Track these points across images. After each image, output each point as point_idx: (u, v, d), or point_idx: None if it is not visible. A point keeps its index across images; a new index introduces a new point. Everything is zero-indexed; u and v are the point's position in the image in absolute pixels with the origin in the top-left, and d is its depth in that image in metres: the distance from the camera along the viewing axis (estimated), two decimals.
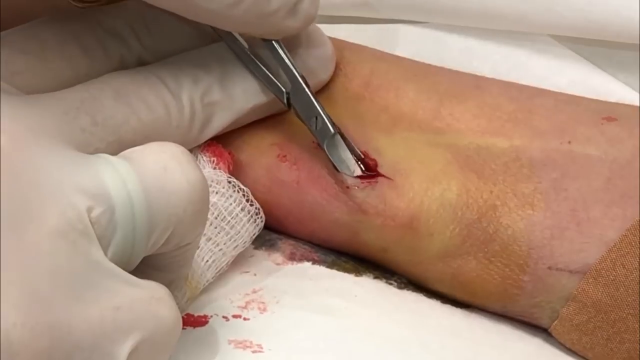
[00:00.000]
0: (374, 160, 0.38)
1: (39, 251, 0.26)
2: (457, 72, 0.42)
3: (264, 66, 0.38)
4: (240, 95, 0.38)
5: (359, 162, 0.37)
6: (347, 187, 0.38)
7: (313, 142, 0.38)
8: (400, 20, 0.47)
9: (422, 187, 0.37)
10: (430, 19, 0.46)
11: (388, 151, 0.38)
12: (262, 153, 0.39)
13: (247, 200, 0.37)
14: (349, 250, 0.39)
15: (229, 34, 0.38)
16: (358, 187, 0.37)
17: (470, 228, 0.36)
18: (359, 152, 0.38)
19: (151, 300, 0.28)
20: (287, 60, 0.37)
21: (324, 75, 0.41)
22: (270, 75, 0.38)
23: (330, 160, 0.37)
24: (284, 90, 0.38)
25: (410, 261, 0.38)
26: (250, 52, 0.38)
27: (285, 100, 0.38)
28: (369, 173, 0.37)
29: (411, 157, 0.38)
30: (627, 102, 0.41)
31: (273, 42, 0.37)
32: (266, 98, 0.38)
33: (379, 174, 0.37)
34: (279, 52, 0.37)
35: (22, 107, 0.30)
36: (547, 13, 0.42)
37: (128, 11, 0.37)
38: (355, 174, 0.37)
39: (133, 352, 0.27)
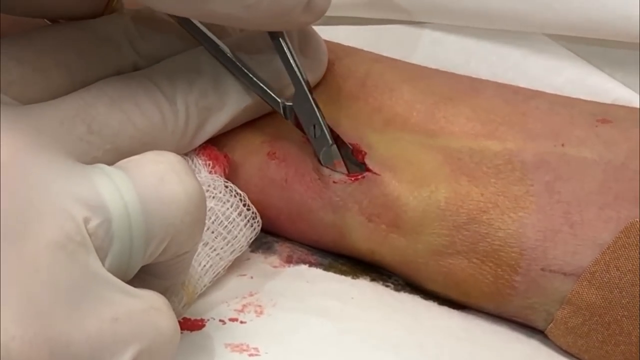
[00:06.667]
0: (363, 152, 0.38)
1: (38, 263, 0.26)
2: (452, 75, 0.42)
3: (258, 80, 0.38)
4: (233, 97, 0.38)
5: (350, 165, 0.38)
6: (335, 182, 0.38)
7: (302, 136, 0.38)
8: (398, 21, 0.47)
9: (409, 186, 0.37)
10: (427, 19, 0.46)
11: (379, 147, 0.38)
12: (254, 152, 0.40)
13: (244, 205, 0.37)
14: (341, 252, 0.39)
15: (219, 49, 0.38)
16: (345, 182, 0.37)
17: (459, 229, 0.36)
18: (351, 155, 0.38)
19: (150, 310, 0.28)
20: (293, 63, 0.38)
21: (315, 75, 0.41)
22: (266, 88, 0.38)
23: (320, 161, 0.38)
24: (279, 101, 0.38)
25: (400, 261, 0.38)
26: (243, 64, 0.38)
27: (282, 111, 0.38)
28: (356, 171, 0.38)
29: (401, 156, 0.38)
30: (624, 101, 0.41)
31: (281, 41, 0.37)
32: (258, 97, 0.38)
33: (367, 169, 0.38)
34: (285, 54, 0.37)
35: (19, 119, 0.30)
36: (545, 12, 0.42)
37: (121, 18, 0.38)
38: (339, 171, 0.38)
39: None
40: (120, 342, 0.27)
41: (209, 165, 0.38)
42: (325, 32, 0.42)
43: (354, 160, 0.38)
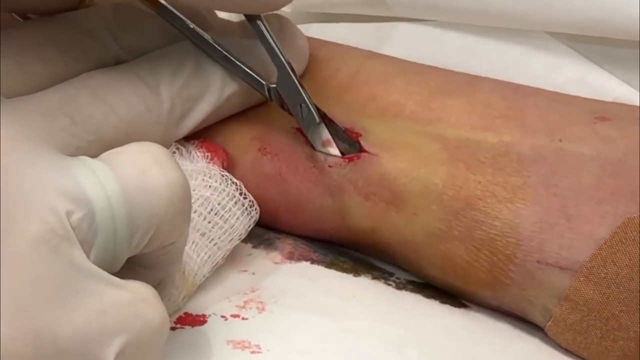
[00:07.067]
0: (357, 133, 0.38)
1: (22, 258, 0.26)
2: (449, 71, 0.42)
3: (241, 63, 0.38)
4: (217, 84, 0.38)
5: (342, 145, 0.38)
6: (330, 166, 0.38)
7: (292, 127, 0.38)
8: (398, 18, 0.47)
9: (407, 166, 0.37)
10: (428, 16, 0.46)
11: (374, 131, 0.38)
12: (245, 149, 0.40)
13: (241, 194, 0.37)
14: (342, 239, 0.39)
15: (200, 37, 0.38)
16: (340, 164, 0.38)
17: (456, 215, 0.36)
18: (343, 134, 0.38)
19: (136, 301, 0.28)
20: (273, 44, 0.38)
21: (298, 63, 0.41)
22: (250, 72, 0.38)
23: (312, 145, 0.38)
24: (264, 83, 0.38)
25: (400, 242, 0.37)
26: (225, 50, 0.38)
27: (266, 93, 0.38)
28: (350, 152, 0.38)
29: (398, 139, 0.38)
30: (625, 99, 0.41)
31: (259, 23, 0.37)
32: (242, 85, 0.39)
33: (362, 150, 0.38)
34: (265, 36, 0.38)
35: (2, 112, 0.30)
36: (545, 10, 0.42)
37: (103, 12, 0.38)
38: (333, 154, 0.38)
39: (119, 354, 0.27)
40: (107, 334, 0.27)
41: (208, 157, 0.38)
42: (327, 30, 0.42)
43: (348, 140, 0.38)
